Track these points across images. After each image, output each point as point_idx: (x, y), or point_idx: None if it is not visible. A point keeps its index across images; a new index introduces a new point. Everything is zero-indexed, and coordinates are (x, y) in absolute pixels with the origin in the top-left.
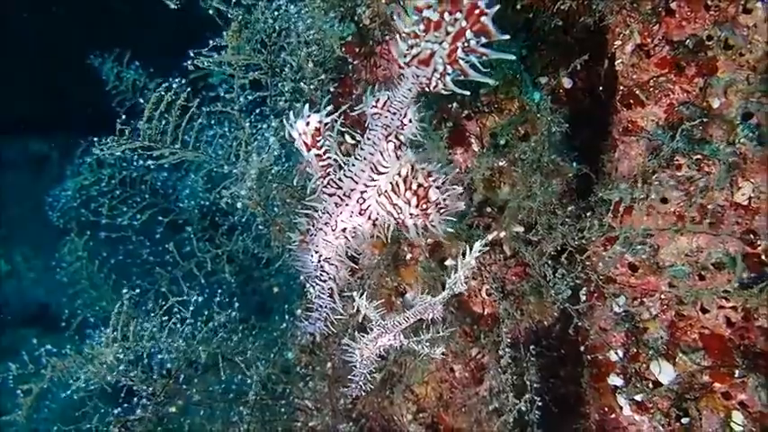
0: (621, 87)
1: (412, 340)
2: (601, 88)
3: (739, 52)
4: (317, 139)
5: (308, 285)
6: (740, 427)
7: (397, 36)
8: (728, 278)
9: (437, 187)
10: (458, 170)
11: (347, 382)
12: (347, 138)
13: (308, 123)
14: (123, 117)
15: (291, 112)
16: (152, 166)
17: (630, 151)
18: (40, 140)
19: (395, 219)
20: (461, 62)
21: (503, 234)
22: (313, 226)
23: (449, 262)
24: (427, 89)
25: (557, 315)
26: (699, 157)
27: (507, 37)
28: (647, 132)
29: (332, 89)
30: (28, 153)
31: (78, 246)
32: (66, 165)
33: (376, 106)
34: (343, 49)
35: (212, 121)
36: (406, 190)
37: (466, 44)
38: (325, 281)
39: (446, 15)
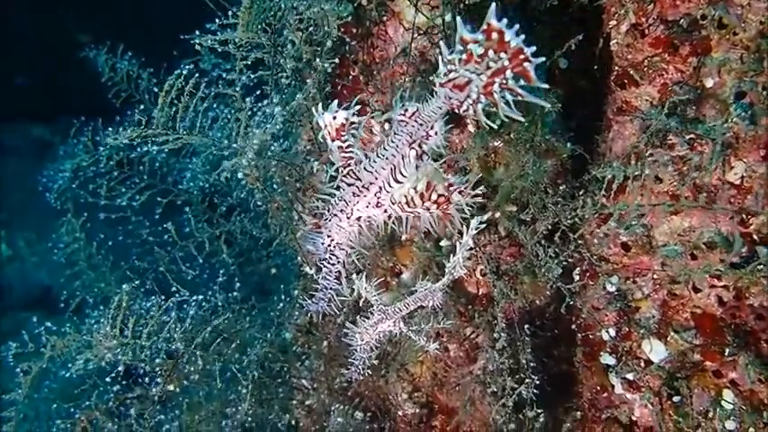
0: (616, 67)
1: (411, 329)
2: (595, 67)
3: (733, 31)
4: (342, 133)
5: (305, 266)
6: (731, 404)
7: (440, 58)
8: (720, 257)
9: (459, 191)
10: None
11: (343, 362)
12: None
13: (334, 118)
14: (141, 107)
15: (320, 104)
16: (154, 150)
17: (624, 131)
18: (41, 126)
19: (411, 215)
20: (496, 95)
21: (497, 215)
22: (328, 211)
23: (444, 242)
24: (456, 111)
25: (550, 295)
26: (692, 136)
27: (546, 86)
28: (641, 112)
29: (329, 70)
30: (30, 139)
31: (75, 227)
32: (61, 146)
33: (404, 115)
34: (341, 30)
35: (213, 104)
36: (427, 201)
37: (504, 82)
38: (333, 264)
39: (491, 52)
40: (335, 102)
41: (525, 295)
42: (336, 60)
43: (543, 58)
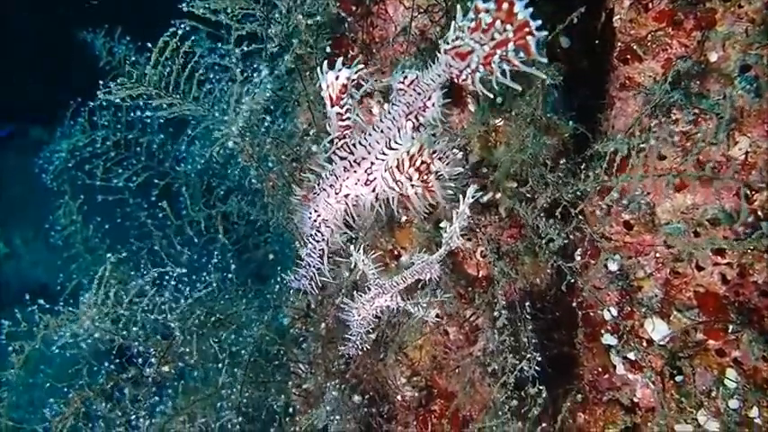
0: (619, 43)
1: (409, 302)
2: (596, 42)
3: (738, 4)
4: (342, 96)
5: (301, 249)
6: (734, 383)
7: (452, 24)
8: (724, 234)
9: (439, 158)
10: (454, 132)
11: (342, 343)
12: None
13: (337, 77)
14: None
15: (326, 63)
16: (148, 130)
17: (627, 108)
18: (39, 128)
19: (397, 192)
20: (494, 65)
21: (498, 195)
22: (318, 185)
23: (444, 224)
24: (456, 80)
25: (551, 278)
26: (696, 111)
27: (545, 60)
28: (644, 88)
29: (328, 49)
30: (29, 138)
31: (72, 209)
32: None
33: (402, 83)
34: (338, 4)
35: (210, 75)
36: (410, 167)
37: (504, 53)
38: (318, 241)
39: (497, 23)
40: (340, 59)
41: (526, 276)
42: (319, 18)
43: (546, 33)
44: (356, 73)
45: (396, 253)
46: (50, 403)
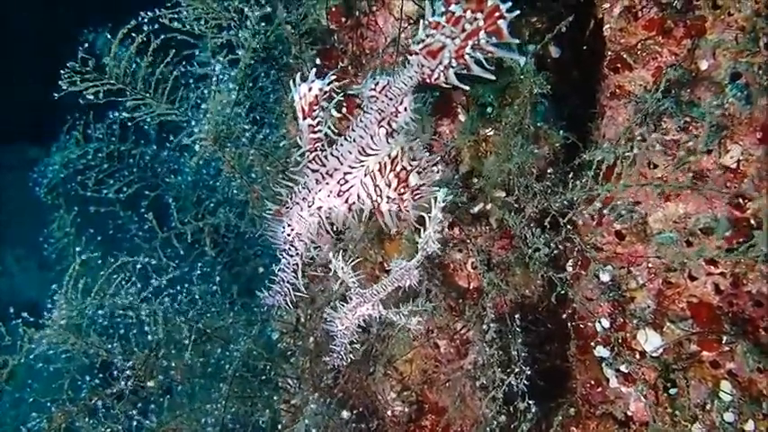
0: (609, 52)
1: (391, 311)
2: (584, 47)
3: (728, 11)
4: (314, 108)
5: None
6: (729, 396)
7: (421, 22)
8: (717, 243)
9: (417, 172)
10: (442, 143)
11: (327, 354)
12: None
13: (310, 89)
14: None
15: (299, 75)
16: (141, 142)
17: (618, 117)
18: (37, 148)
19: (372, 203)
20: (467, 57)
21: (488, 206)
22: (291, 199)
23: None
24: (428, 80)
25: (542, 286)
26: (687, 119)
27: (517, 41)
28: (634, 96)
29: (318, 61)
30: (26, 159)
31: (67, 222)
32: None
33: (374, 90)
34: (328, 17)
35: (198, 86)
36: (390, 171)
37: (476, 43)
38: (292, 255)
39: (468, 13)
40: (314, 70)
41: (517, 287)
42: (313, 60)
43: (518, 12)
44: (329, 85)
45: (385, 265)
46: (32, 418)
